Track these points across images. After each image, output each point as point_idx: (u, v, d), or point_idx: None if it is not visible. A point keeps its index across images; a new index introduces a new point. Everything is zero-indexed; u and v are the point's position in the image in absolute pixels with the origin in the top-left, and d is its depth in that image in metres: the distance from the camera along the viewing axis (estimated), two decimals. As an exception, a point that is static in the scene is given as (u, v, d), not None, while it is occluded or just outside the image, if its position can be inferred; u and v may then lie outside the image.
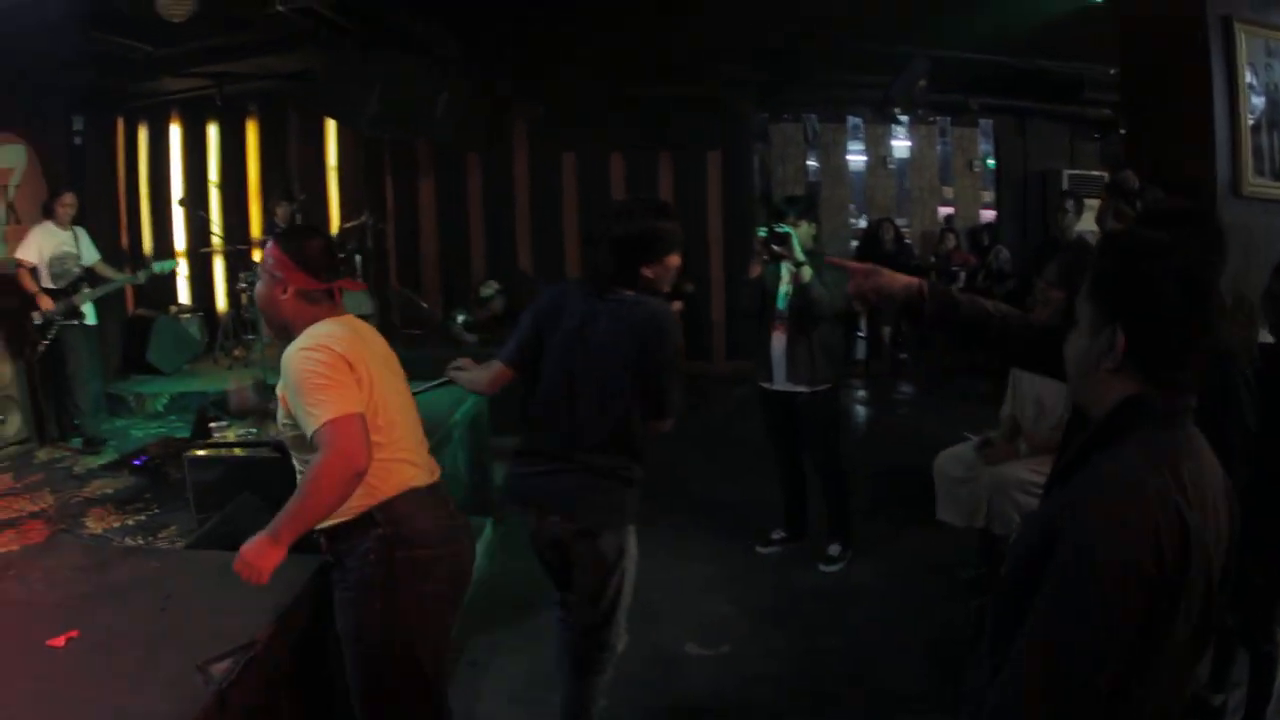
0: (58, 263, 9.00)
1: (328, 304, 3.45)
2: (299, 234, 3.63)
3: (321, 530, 3.27)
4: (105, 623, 3.37)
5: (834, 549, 6.20)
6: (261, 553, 3.01)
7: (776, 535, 6.49)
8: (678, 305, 5.27)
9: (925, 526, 5.89)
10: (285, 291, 3.38)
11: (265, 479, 4.59)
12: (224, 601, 3.36)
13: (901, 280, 2.63)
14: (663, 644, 4.82)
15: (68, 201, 9.16)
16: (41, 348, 8.94)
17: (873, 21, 8.38)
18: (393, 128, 9.15)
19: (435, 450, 4.61)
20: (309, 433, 3.09)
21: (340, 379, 3.15)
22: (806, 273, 5.63)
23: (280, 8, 6.38)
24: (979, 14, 8.13)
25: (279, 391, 3.35)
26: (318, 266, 3.40)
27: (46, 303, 8.85)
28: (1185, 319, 1.78)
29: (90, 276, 9.28)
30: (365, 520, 3.22)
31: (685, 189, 11.37)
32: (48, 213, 9.16)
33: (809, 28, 8.60)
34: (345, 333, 3.34)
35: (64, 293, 9.00)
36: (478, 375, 4.18)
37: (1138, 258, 1.84)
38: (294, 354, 3.22)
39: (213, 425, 5.90)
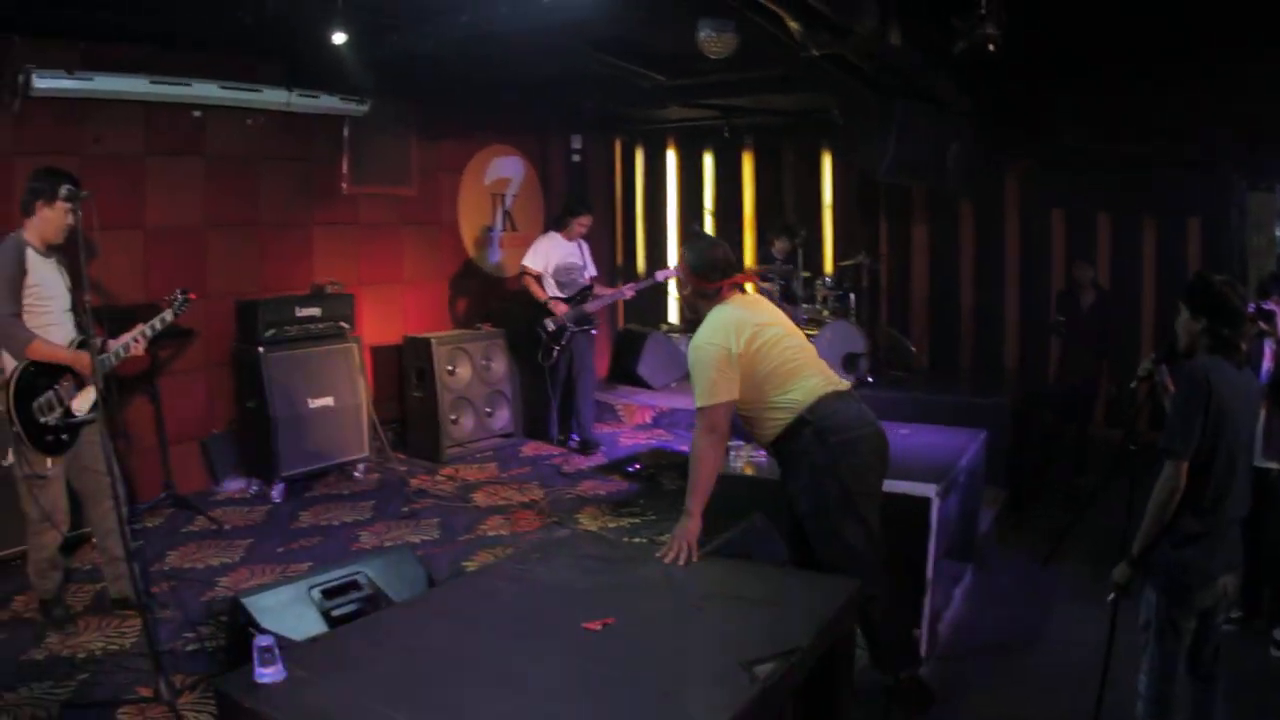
0: (564, 272, 9.14)
1: (725, 296, 4.49)
2: (694, 243, 4.75)
3: (767, 445, 4.52)
4: (641, 614, 3.56)
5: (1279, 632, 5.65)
6: (684, 528, 4.13)
7: (1233, 614, 5.74)
8: None
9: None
10: (685, 289, 4.61)
11: (771, 499, 4.88)
12: (759, 607, 3.61)
13: None
14: (1117, 708, 4.40)
15: (585, 222, 9.32)
16: (555, 352, 9.09)
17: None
18: (906, 175, 8.94)
19: (943, 494, 5.13)
20: (695, 405, 4.27)
21: (721, 372, 4.22)
22: None
23: (814, 53, 6.28)
24: None
25: None
26: (706, 272, 4.48)
27: (560, 308, 8.99)
28: None
29: (591, 288, 9.37)
30: (799, 424, 4.30)
31: (1166, 254, 10.51)
32: (557, 225, 9.36)
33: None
34: (736, 319, 4.35)
35: (573, 301, 9.12)
36: None
37: None
38: (696, 344, 4.32)
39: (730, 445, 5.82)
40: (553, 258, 9.14)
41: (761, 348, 4.31)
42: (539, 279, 9.11)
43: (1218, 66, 7.54)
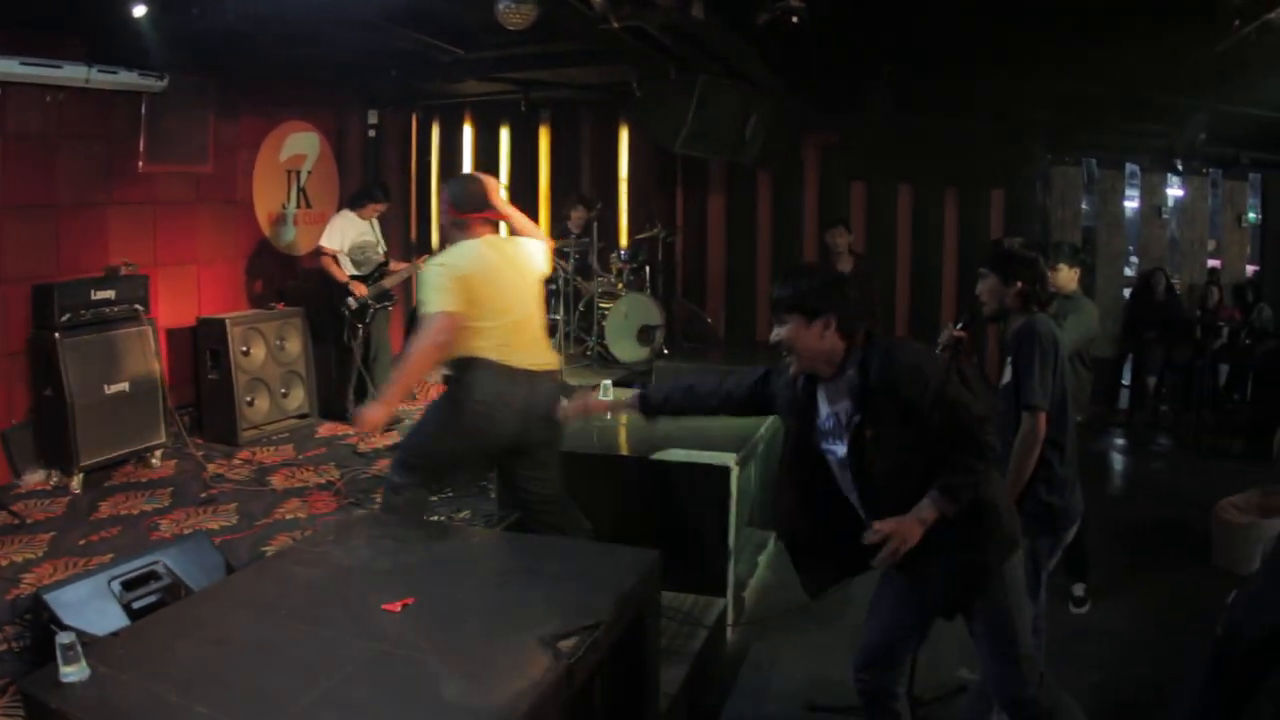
0: (359, 250, 9.41)
1: (475, 231, 5.02)
2: (455, 177, 5.77)
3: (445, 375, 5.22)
4: (442, 593, 3.57)
5: (1079, 589, 6.12)
6: (374, 411, 4.79)
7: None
8: None
9: (1179, 573, 6.68)
10: (444, 218, 5.19)
11: (579, 474, 5.29)
12: (560, 582, 3.63)
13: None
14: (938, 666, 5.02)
15: (380, 208, 9.65)
16: (360, 331, 9.34)
17: (1160, 72, 8.14)
18: (704, 147, 9.21)
19: (742, 463, 5.54)
20: (421, 314, 4.77)
21: (449, 286, 4.70)
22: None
23: (614, 24, 6.50)
24: (1266, 72, 7.77)
25: None
26: (460, 203, 5.05)
27: (360, 289, 9.26)
28: None
29: (387, 264, 9.71)
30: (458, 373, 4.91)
31: (967, 224, 11.12)
32: (351, 204, 9.58)
33: (1102, 74, 8.40)
34: (472, 252, 4.92)
35: (370, 279, 9.39)
36: None
37: None
38: (430, 264, 4.93)
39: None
40: (348, 236, 9.38)
41: (484, 294, 4.84)
42: (335, 258, 9.31)
43: (1029, 46, 7.89)
